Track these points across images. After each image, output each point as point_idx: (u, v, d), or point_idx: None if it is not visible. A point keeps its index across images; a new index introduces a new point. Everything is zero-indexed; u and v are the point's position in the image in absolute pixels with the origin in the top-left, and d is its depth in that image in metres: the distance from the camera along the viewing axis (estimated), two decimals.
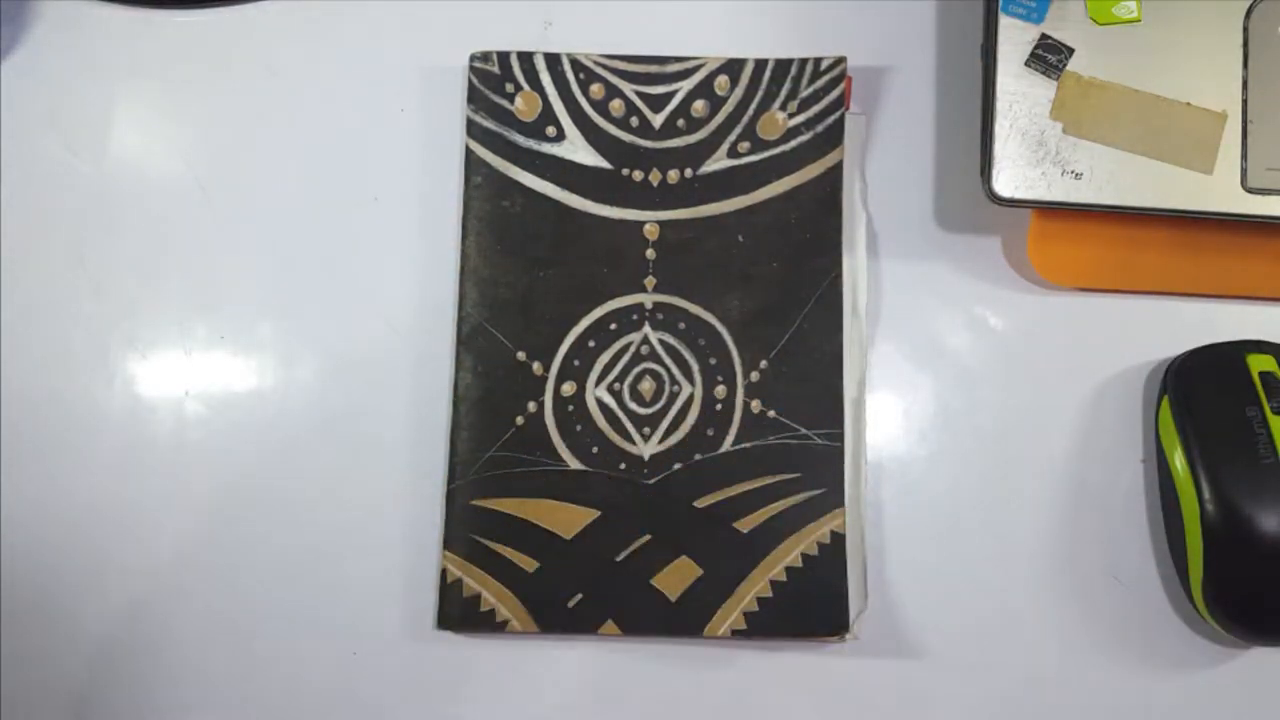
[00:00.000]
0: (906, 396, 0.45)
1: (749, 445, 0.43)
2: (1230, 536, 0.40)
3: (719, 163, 0.45)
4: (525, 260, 0.44)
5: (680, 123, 0.45)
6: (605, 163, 0.45)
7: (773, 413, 0.43)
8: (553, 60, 0.45)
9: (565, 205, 0.45)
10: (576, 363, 0.44)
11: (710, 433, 0.43)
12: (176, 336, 0.45)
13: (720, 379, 0.44)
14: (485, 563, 0.42)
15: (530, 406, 0.43)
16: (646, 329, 0.44)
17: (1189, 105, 0.42)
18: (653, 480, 0.43)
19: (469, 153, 0.45)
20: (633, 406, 0.44)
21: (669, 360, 0.44)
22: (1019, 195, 0.42)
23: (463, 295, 0.44)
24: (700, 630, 0.42)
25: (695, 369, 0.44)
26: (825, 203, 0.44)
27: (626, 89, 0.45)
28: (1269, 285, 0.45)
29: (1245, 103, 0.42)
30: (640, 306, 0.44)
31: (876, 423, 0.44)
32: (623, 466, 0.43)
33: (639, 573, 0.42)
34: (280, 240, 0.45)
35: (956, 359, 0.45)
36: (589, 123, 0.45)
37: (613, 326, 0.44)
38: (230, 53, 0.47)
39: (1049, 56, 0.43)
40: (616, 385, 0.44)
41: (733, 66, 0.45)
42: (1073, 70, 0.43)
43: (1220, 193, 0.42)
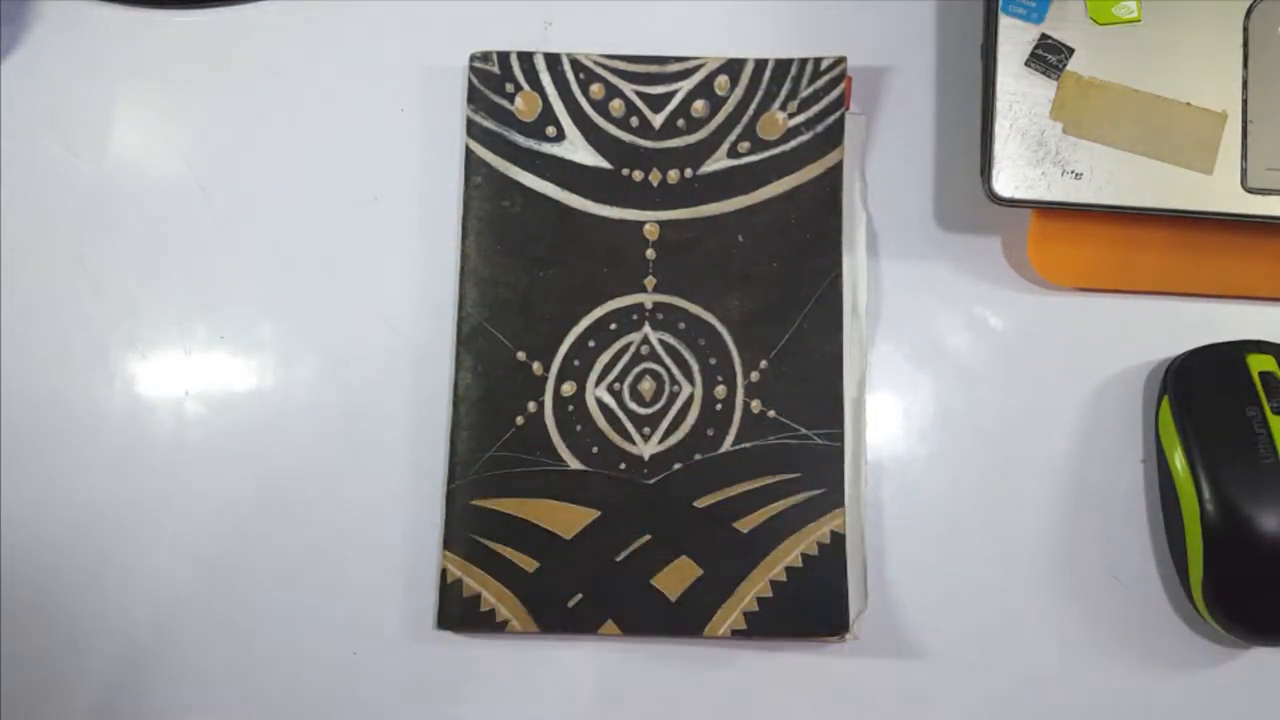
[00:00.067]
0: (906, 396, 0.45)
1: (749, 445, 0.43)
2: (1230, 536, 0.40)
3: (719, 163, 0.45)
4: (525, 260, 0.44)
5: (680, 123, 0.45)
6: (605, 163, 0.45)
7: (773, 413, 0.43)
8: (553, 60, 0.45)
9: (565, 205, 0.45)
10: (576, 363, 0.44)
11: (710, 433, 0.43)
12: (176, 336, 0.45)
13: (720, 379, 0.44)
14: (485, 563, 0.42)
15: (530, 406, 0.43)
16: (646, 329, 0.44)
17: (1189, 105, 0.42)
18: (653, 480, 0.43)
19: (469, 153, 0.45)
20: (633, 406, 0.44)
21: (669, 360, 0.44)
22: (1019, 195, 0.42)
23: (463, 295, 0.44)
24: (700, 630, 0.42)
25: (695, 369, 0.44)
26: (825, 203, 0.44)
27: (626, 89, 0.45)
28: (1269, 285, 0.45)
29: (1245, 103, 0.42)
30: (640, 306, 0.44)
31: (876, 423, 0.44)
32: (623, 466, 0.43)
33: (639, 573, 0.42)
34: (280, 240, 0.45)
35: (956, 359, 0.45)
36: (589, 123, 0.45)
37: (613, 326, 0.44)
38: (230, 53, 0.47)
39: (1049, 56, 0.43)
40: (616, 385, 0.44)
41: (733, 66, 0.45)
42: (1073, 70, 0.43)
43: (1220, 193, 0.42)
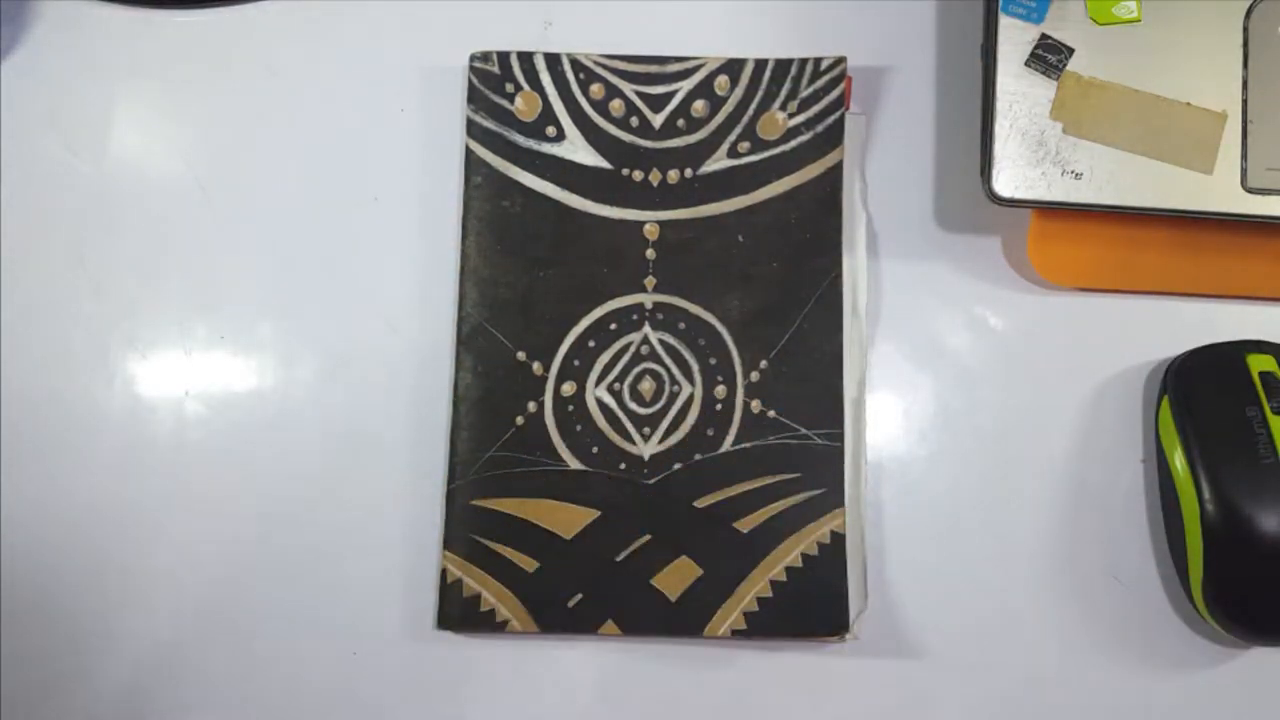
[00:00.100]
0: (906, 396, 0.45)
1: (749, 445, 0.43)
2: (1230, 536, 0.40)
3: (719, 163, 0.45)
4: (525, 260, 0.44)
5: (680, 123, 0.45)
6: (605, 163, 0.45)
7: (773, 413, 0.43)
8: (553, 60, 0.45)
9: (565, 205, 0.45)
10: (576, 363, 0.44)
11: (710, 433, 0.43)
12: (176, 336, 0.45)
13: (720, 379, 0.44)
14: (485, 563, 0.42)
15: (530, 406, 0.43)
16: (646, 329, 0.44)
17: (1189, 105, 0.42)
18: (653, 480, 0.43)
19: (469, 153, 0.45)
20: (633, 406, 0.44)
21: (669, 360, 0.44)
22: (1019, 195, 0.42)
23: (463, 295, 0.44)
24: (700, 630, 0.42)
25: (695, 369, 0.44)
26: (825, 203, 0.44)
27: (626, 89, 0.45)
28: (1269, 285, 0.45)
29: (1245, 103, 0.42)
30: (640, 306, 0.44)
31: (876, 423, 0.44)
32: (623, 466, 0.43)
33: (639, 573, 0.42)
34: (280, 240, 0.45)
35: (956, 359, 0.45)
36: (589, 123, 0.45)
37: (613, 326, 0.44)
38: (230, 53, 0.47)
39: (1049, 56, 0.43)
40: (616, 385, 0.44)
41: (733, 66, 0.45)
42: (1073, 70, 0.43)
43: (1220, 193, 0.42)
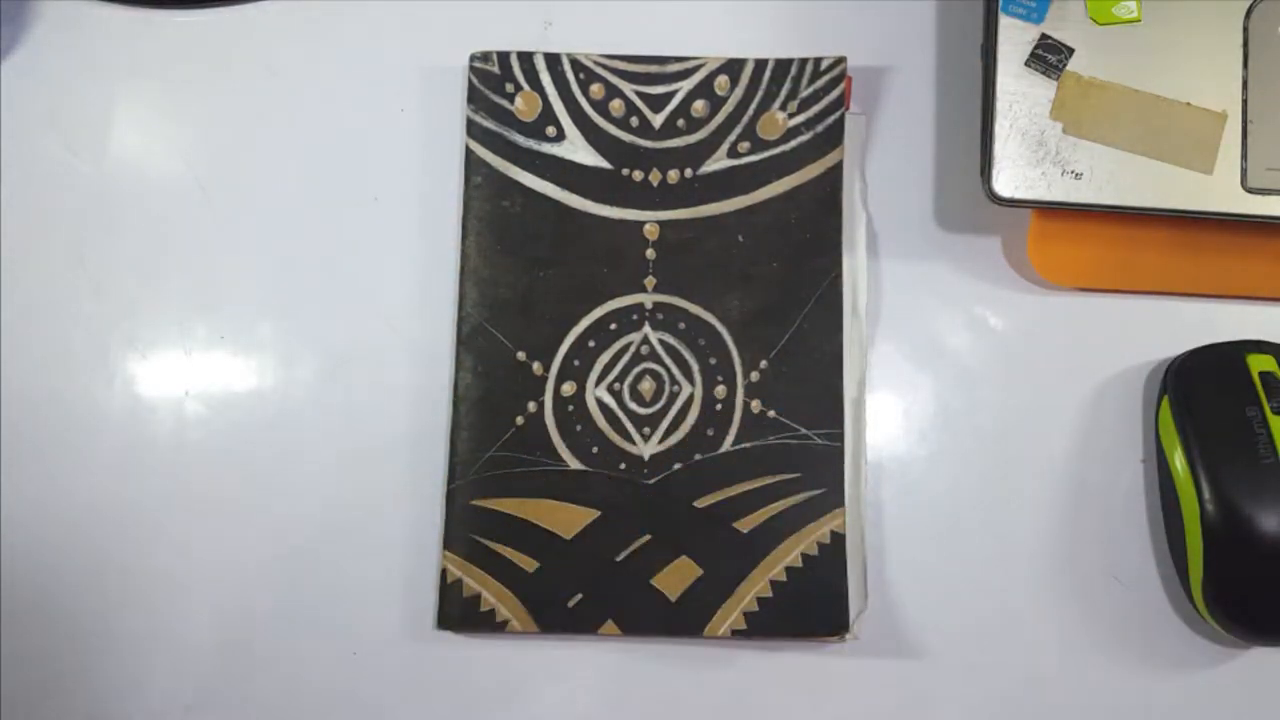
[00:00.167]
0: (906, 396, 0.45)
1: (749, 445, 0.43)
2: (1230, 536, 0.40)
3: (719, 163, 0.45)
4: (525, 260, 0.44)
5: (680, 123, 0.45)
6: (605, 163, 0.45)
7: (773, 413, 0.43)
8: (553, 60, 0.45)
9: (565, 205, 0.45)
10: (576, 363, 0.44)
11: (710, 433, 0.43)
12: (176, 336, 0.45)
13: (720, 379, 0.44)
14: (485, 563, 0.42)
15: (530, 406, 0.43)
16: (646, 329, 0.44)
17: (1189, 105, 0.42)
18: (653, 480, 0.43)
19: (469, 153, 0.45)
20: (633, 406, 0.44)
21: (669, 360, 0.44)
22: (1019, 195, 0.42)
23: (463, 295, 0.44)
24: (700, 630, 0.42)
25: (695, 369, 0.44)
26: (825, 203, 0.44)
27: (626, 89, 0.45)
28: (1269, 285, 0.45)
29: (1245, 103, 0.42)
30: (640, 306, 0.44)
31: (876, 423, 0.44)
32: (623, 466, 0.43)
33: (639, 573, 0.42)
34: (280, 240, 0.45)
35: (956, 359, 0.45)
36: (589, 123, 0.45)
37: (613, 326, 0.44)
38: (230, 53, 0.47)
39: (1049, 56, 0.43)
40: (616, 385, 0.44)
41: (733, 66, 0.45)
42: (1073, 70, 0.43)
43: (1220, 193, 0.42)
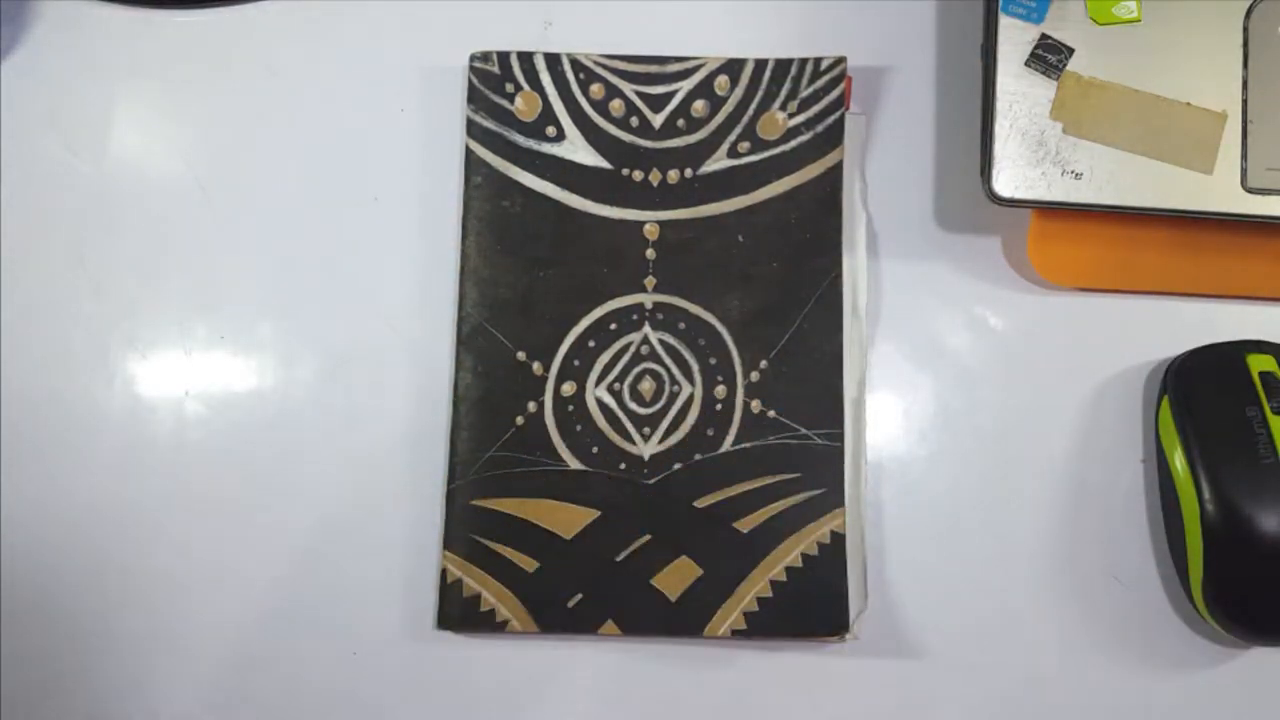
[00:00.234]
0: (906, 396, 0.45)
1: (749, 445, 0.43)
2: (1230, 536, 0.40)
3: (719, 163, 0.45)
4: (525, 260, 0.44)
5: (680, 123, 0.45)
6: (605, 163, 0.45)
7: (773, 413, 0.43)
8: (553, 60, 0.45)
9: (565, 205, 0.45)
10: (576, 363, 0.44)
11: (710, 433, 0.43)
12: (176, 336, 0.45)
13: (720, 379, 0.44)
14: (485, 563, 0.42)
15: (530, 406, 0.43)
16: (646, 329, 0.44)
17: (1189, 105, 0.42)
18: (653, 480, 0.43)
19: (469, 153, 0.45)
20: (633, 406, 0.44)
21: (669, 360, 0.44)
22: (1019, 195, 0.42)
23: (463, 295, 0.44)
24: (700, 630, 0.42)
25: (695, 369, 0.44)
26: (825, 203, 0.44)
27: (626, 89, 0.45)
28: (1269, 285, 0.45)
29: (1245, 103, 0.42)
30: (640, 306, 0.44)
31: (876, 423, 0.44)
32: (623, 466, 0.43)
33: (639, 573, 0.42)
34: (280, 240, 0.45)
35: (956, 359, 0.45)
36: (589, 123, 0.45)
37: (613, 326, 0.44)
38: (230, 53, 0.47)
39: (1049, 56, 0.43)
40: (616, 385, 0.44)
41: (733, 66, 0.45)
42: (1073, 70, 0.43)
43: (1220, 193, 0.42)
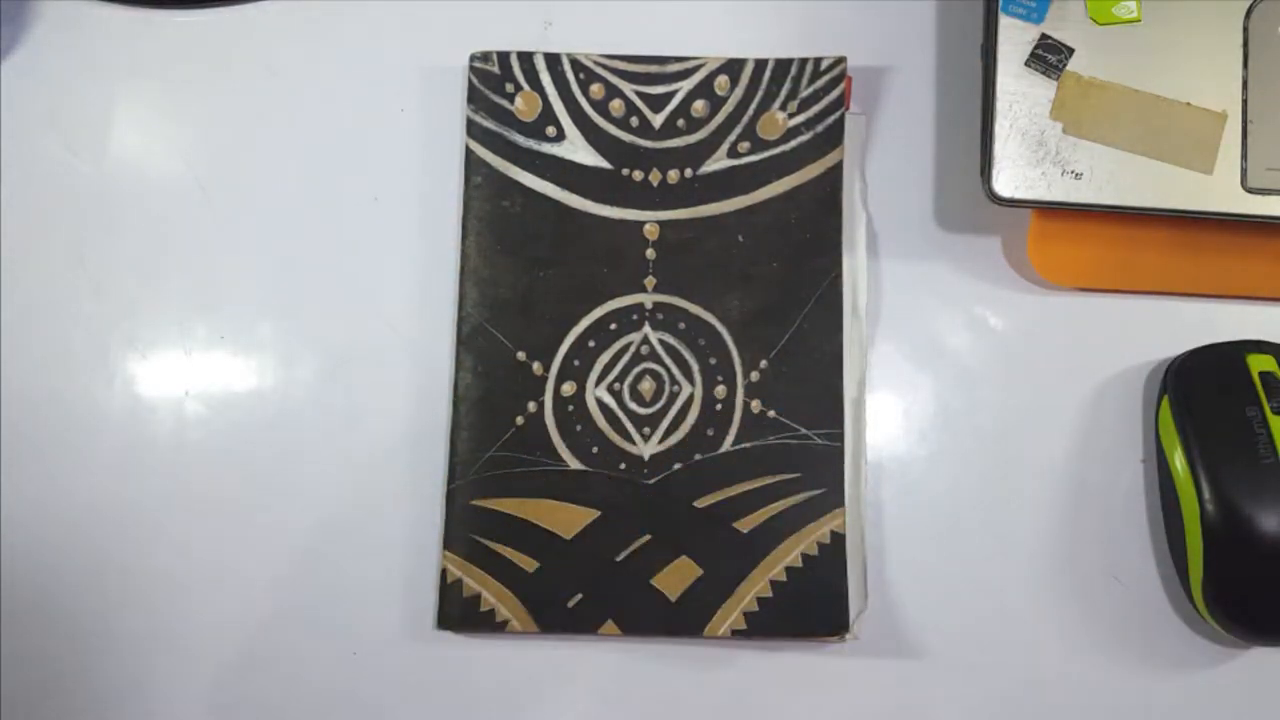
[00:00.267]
0: (906, 396, 0.45)
1: (749, 445, 0.43)
2: (1230, 536, 0.40)
3: (719, 163, 0.45)
4: (525, 260, 0.44)
5: (680, 123, 0.45)
6: (605, 163, 0.45)
7: (773, 413, 0.43)
8: (553, 60, 0.45)
9: (565, 205, 0.45)
10: (576, 363, 0.44)
11: (710, 433, 0.43)
12: (176, 336, 0.45)
13: (720, 379, 0.44)
14: (485, 563, 0.42)
15: (530, 406, 0.43)
16: (646, 329, 0.44)
17: (1189, 105, 0.42)
18: (653, 480, 0.43)
19: (469, 153, 0.45)
20: (633, 406, 0.44)
21: (669, 360, 0.44)
22: (1019, 195, 0.42)
23: (463, 295, 0.44)
24: (700, 630, 0.42)
25: (695, 369, 0.44)
26: (825, 203, 0.44)
27: (626, 89, 0.45)
28: (1269, 285, 0.45)
29: (1245, 103, 0.42)
30: (640, 306, 0.44)
31: (876, 423, 0.44)
32: (623, 466, 0.43)
33: (639, 573, 0.42)
34: (280, 240, 0.45)
35: (956, 359, 0.45)
36: (589, 123, 0.45)
37: (613, 326, 0.44)
38: (230, 53, 0.47)
39: (1049, 56, 0.43)
40: (616, 385, 0.44)
41: (733, 66, 0.45)
42: (1073, 70, 0.43)
43: (1220, 193, 0.42)
